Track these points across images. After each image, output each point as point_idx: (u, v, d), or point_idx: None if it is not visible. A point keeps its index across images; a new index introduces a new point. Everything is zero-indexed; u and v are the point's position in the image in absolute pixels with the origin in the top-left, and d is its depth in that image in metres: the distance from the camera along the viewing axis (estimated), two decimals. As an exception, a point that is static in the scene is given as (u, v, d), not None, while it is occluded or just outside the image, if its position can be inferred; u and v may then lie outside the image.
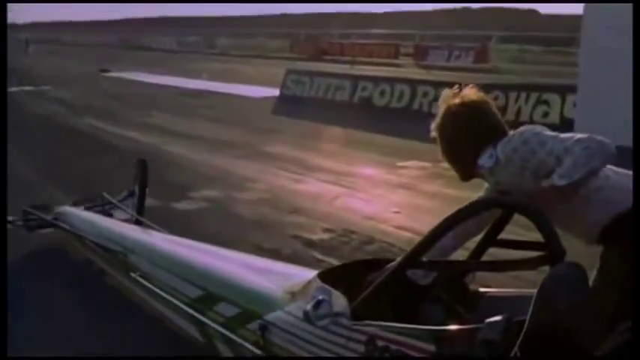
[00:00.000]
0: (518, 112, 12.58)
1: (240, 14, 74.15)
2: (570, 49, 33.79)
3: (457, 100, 2.91)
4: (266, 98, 18.25)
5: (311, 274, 3.10)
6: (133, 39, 58.98)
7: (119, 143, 11.00)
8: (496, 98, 13.03)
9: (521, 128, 2.78)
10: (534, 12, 65.63)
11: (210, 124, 13.62)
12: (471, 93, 2.92)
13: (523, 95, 12.78)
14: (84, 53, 45.71)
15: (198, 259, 3.94)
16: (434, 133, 2.99)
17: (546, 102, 12.38)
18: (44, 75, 25.81)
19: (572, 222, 2.74)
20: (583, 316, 2.19)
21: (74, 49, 53.78)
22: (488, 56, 30.40)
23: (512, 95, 12.89)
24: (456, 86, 2.95)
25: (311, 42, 41.61)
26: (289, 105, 16.76)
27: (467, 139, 2.88)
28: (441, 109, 2.97)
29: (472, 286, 3.05)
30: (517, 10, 65.28)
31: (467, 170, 2.97)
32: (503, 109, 12.76)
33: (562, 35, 34.75)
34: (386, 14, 69.03)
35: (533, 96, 12.63)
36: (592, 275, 2.60)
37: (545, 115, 12.12)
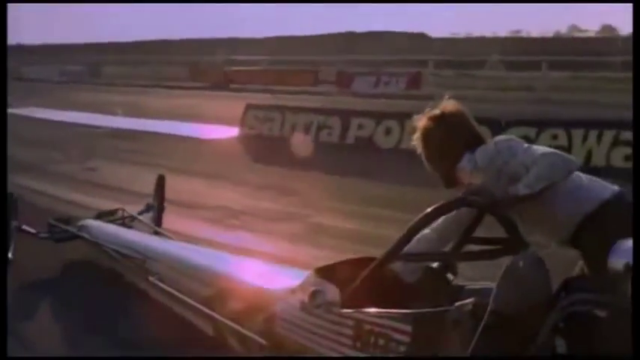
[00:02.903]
0: (589, 155, 10.05)
1: (117, 40, 69.26)
2: (483, 71, 32.91)
3: (437, 112, 3.36)
4: (221, 139, 15.25)
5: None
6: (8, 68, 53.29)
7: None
8: (555, 137, 10.59)
9: (496, 139, 3.26)
10: (424, 35, 64.63)
11: (183, 178, 10.47)
12: (449, 104, 3.37)
13: (592, 134, 10.24)
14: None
15: (208, 263, 4.39)
16: (415, 143, 3.42)
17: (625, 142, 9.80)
18: None
19: (543, 220, 3.15)
20: (536, 297, 2.55)
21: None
22: (420, 82, 28.14)
23: (577, 134, 10.37)
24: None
25: (214, 69, 38.10)
26: (260, 147, 13.82)
27: (448, 145, 3.30)
28: (421, 120, 3.39)
29: (454, 281, 3.39)
30: (406, 34, 64.00)
31: (449, 174, 3.33)
32: (568, 151, 10.30)
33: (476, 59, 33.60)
34: (267, 40, 66.33)
35: (608, 134, 10.11)
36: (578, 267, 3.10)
37: (627, 158, 9.54)
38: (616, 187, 3.18)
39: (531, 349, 2.44)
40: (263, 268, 4.27)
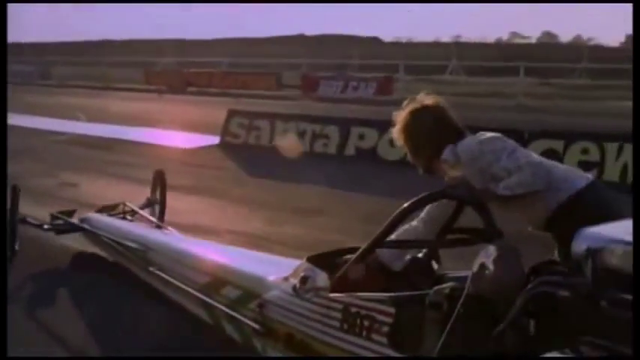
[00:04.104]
0: (625, 171, 9.22)
1: (61, 40, 66.81)
2: (445, 76, 32.38)
3: (417, 105, 3.51)
4: (201, 148, 14.13)
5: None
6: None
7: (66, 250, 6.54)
8: (585, 151, 9.77)
9: (481, 137, 3.35)
10: (376, 39, 63.95)
11: (175, 195, 9.36)
12: (428, 98, 3.52)
13: (628, 147, 9.35)
14: None
15: (206, 253, 4.62)
16: (395, 136, 3.58)
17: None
18: None
19: (519, 209, 3.27)
20: (508, 281, 2.63)
21: None
22: (391, 87, 27.28)
23: (610, 147, 9.53)
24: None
25: (170, 72, 36.60)
26: (248, 158, 12.74)
27: (429, 137, 3.45)
28: (401, 114, 3.53)
29: (437, 269, 3.58)
30: (358, 38, 63.15)
31: (429, 165, 3.53)
32: (600, 167, 9.48)
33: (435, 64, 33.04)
34: (216, 42, 64.78)
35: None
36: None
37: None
38: (590, 176, 3.37)
39: (502, 329, 2.53)
40: (259, 258, 4.58)
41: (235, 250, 5.05)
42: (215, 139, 14.64)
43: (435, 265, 3.61)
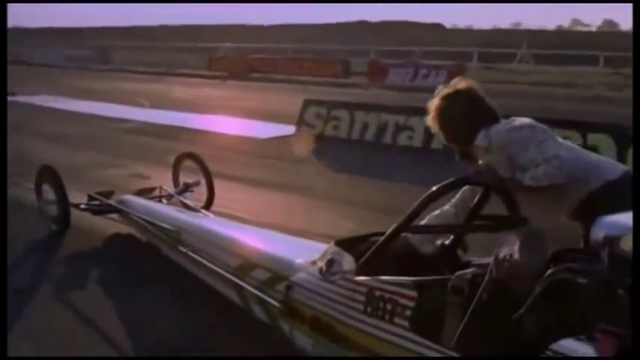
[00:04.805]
0: None
1: (121, 25, 66.63)
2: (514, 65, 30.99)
3: (450, 90, 3.50)
4: (275, 138, 13.22)
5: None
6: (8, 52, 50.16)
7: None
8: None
9: (512, 123, 3.34)
10: (439, 26, 62.43)
11: (258, 192, 8.61)
12: (461, 82, 3.52)
13: None
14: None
15: (237, 235, 4.68)
16: (430, 123, 3.56)
17: None
18: None
19: (548, 197, 3.20)
20: (530, 267, 2.69)
21: None
22: (464, 76, 26.06)
23: None
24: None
25: (233, 58, 35.80)
26: (328, 150, 11.79)
27: (462, 121, 3.43)
28: (434, 101, 3.51)
29: (464, 255, 3.62)
30: (420, 24, 61.70)
31: (465, 150, 3.50)
32: None
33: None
34: (276, 27, 64.00)
35: None
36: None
37: None
38: (626, 168, 3.31)
39: (520, 314, 2.54)
40: (289, 241, 4.72)
41: (266, 232, 5.16)
42: (289, 129, 13.69)
43: (461, 252, 3.64)
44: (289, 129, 13.65)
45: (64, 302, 5.02)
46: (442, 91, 3.53)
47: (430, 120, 3.56)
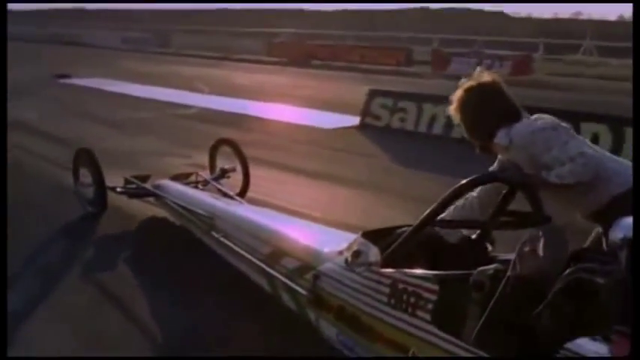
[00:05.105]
0: None
1: (176, 8, 66.68)
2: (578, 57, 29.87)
3: (473, 82, 3.40)
4: (339, 128, 12.70)
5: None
6: (66, 33, 50.24)
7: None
8: None
9: (535, 124, 3.23)
10: (502, 14, 61.02)
11: (330, 186, 8.14)
12: (484, 75, 3.42)
13: None
14: (14, 50, 38.24)
15: (269, 223, 4.68)
16: (452, 114, 3.49)
17: None
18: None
19: (570, 198, 3.20)
20: (551, 265, 2.71)
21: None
22: (530, 67, 25.20)
23: None
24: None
25: (293, 44, 35.29)
26: (395, 143, 11.20)
27: (484, 114, 3.37)
28: (457, 92, 3.43)
29: (491, 251, 3.54)
30: (483, 12, 60.44)
31: (485, 144, 3.45)
32: None
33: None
34: (336, 12, 63.35)
35: None
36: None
37: None
38: None
39: (539, 311, 2.54)
40: (320, 230, 4.71)
41: (298, 221, 5.18)
42: (353, 120, 13.13)
43: (489, 247, 3.59)
44: (353, 119, 13.12)
45: (93, 283, 5.14)
46: (465, 83, 3.46)
47: (452, 111, 3.50)
